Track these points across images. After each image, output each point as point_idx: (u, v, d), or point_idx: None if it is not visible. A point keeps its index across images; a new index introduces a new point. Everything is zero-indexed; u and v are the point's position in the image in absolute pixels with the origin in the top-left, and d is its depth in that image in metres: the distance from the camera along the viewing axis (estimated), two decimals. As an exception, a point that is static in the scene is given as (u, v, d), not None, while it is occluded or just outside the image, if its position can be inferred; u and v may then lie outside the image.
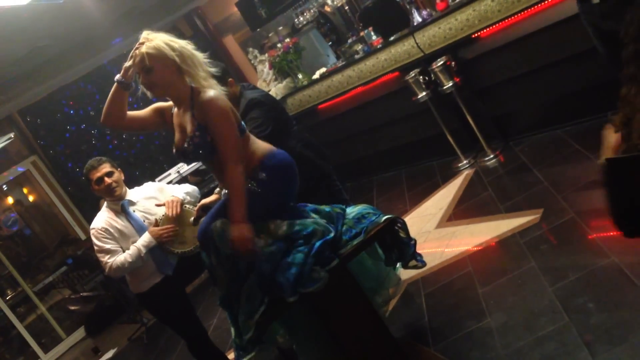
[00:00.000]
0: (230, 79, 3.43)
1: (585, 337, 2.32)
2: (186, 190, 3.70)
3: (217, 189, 3.58)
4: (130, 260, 3.37)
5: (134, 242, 3.44)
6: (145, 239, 3.41)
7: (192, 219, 3.46)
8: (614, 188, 1.65)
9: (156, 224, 3.45)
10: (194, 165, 6.77)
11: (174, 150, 2.64)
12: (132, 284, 3.59)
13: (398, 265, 2.89)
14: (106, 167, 3.51)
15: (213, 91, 2.49)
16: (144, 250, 3.38)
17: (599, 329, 2.32)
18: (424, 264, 2.82)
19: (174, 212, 3.46)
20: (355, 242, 2.58)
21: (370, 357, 2.51)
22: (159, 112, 2.73)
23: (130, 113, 2.70)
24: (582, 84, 4.13)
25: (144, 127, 2.79)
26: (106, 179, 3.48)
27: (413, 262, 2.79)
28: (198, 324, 3.67)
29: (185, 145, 2.54)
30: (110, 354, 6.58)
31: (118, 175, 3.56)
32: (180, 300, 3.62)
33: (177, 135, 2.63)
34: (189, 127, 2.53)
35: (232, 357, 4.17)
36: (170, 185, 3.89)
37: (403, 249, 2.77)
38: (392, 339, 2.60)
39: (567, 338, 2.38)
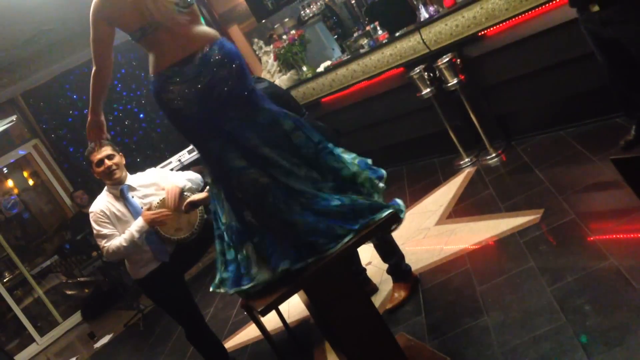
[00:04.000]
0: None
1: (581, 338, 2.33)
2: (188, 177, 3.70)
3: (208, 187, 3.57)
4: (125, 244, 3.39)
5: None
6: (138, 223, 3.43)
7: (183, 208, 3.47)
8: None
9: (149, 208, 3.47)
10: (196, 154, 6.78)
11: None
12: (131, 270, 3.61)
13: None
14: (107, 150, 3.52)
15: None
16: (136, 235, 3.40)
17: (596, 331, 2.33)
18: (399, 205, 2.47)
19: (172, 203, 3.47)
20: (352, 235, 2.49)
21: (366, 351, 2.52)
22: None
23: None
24: (586, 86, 4.13)
25: None
26: (107, 161, 3.49)
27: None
28: (196, 310, 3.69)
29: None
30: (106, 339, 6.60)
31: (119, 158, 3.56)
32: (178, 287, 3.63)
33: None
34: None
35: (228, 345, 4.19)
36: (173, 172, 3.89)
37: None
38: (388, 333, 2.60)
39: (564, 338, 2.38)
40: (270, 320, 3.83)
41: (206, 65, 2.18)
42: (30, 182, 9.59)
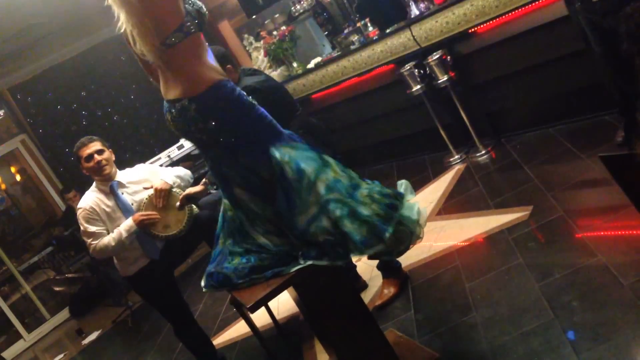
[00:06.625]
0: (228, 66, 3.28)
1: (569, 334, 2.35)
2: (177, 173, 3.68)
3: (204, 179, 3.56)
4: (113, 243, 3.38)
5: (120, 224, 3.43)
6: (128, 223, 3.41)
7: (177, 203, 3.45)
8: None
9: (139, 206, 3.45)
10: (185, 150, 6.75)
11: None
12: (121, 268, 3.59)
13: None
14: (97, 145, 3.49)
15: None
16: (124, 235, 3.38)
17: (584, 327, 2.34)
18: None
19: (160, 201, 3.46)
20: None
21: (355, 347, 2.52)
22: None
23: None
24: (575, 83, 4.15)
25: None
26: (96, 156, 3.46)
27: None
28: (185, 307, 3.68)
29: None
30: (94, 335, 6.56)
31: (109, 154, 3.53)
32: (168, 284, 3.61)
33: None
34: None
35: (218, 342, 4.18)
36: (162, 168, 3.87)
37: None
38: (378, 329, 2.61)
39: (552, 334, 2.39)
40: (260, 317, 3.82)
41: (183, 117, 2.25)
42: (18, 177, 9.52)
